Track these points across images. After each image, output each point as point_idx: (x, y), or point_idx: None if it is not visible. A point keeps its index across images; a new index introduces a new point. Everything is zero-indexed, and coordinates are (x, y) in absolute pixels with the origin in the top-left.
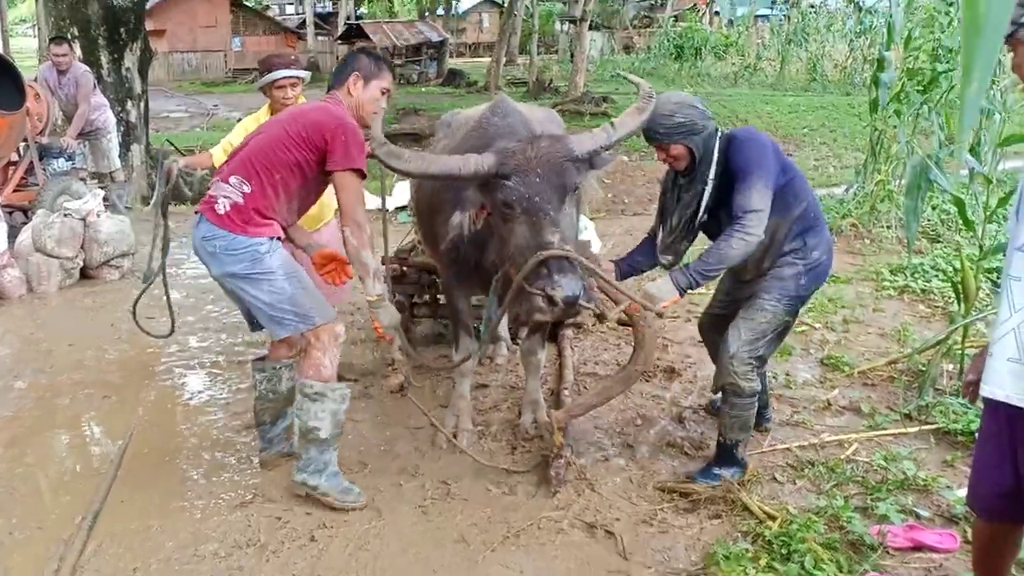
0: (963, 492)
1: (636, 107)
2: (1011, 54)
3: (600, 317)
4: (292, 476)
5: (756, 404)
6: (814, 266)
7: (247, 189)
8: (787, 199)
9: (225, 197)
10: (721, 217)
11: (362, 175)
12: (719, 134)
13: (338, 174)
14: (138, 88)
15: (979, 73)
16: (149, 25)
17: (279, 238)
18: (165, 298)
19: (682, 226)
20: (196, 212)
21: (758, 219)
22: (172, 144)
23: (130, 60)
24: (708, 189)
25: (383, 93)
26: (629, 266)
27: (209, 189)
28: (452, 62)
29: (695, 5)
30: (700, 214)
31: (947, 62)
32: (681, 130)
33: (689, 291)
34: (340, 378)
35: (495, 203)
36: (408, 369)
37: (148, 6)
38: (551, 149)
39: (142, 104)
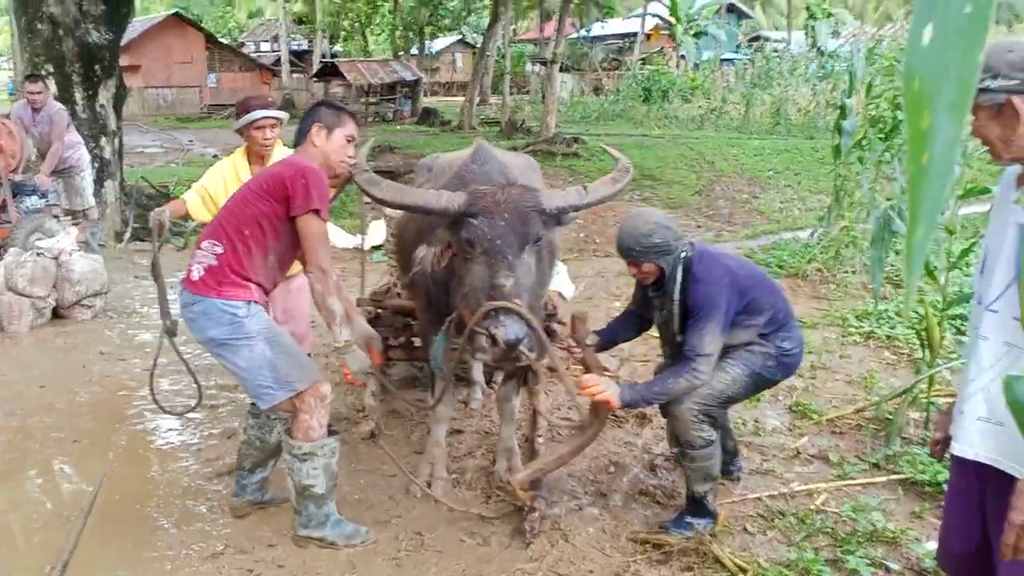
0: (932, 545)
1: (611, 177)
2: (972, 118)
3: (551, 369)
4: (295, 532)
5: (715, 453)
6: (784, 354)
7: (219, 250)
8: (749, 316)
9: (199, 263)
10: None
11: (323, 218)
12: (682, 255)
13: (300, 220)
14: (112, 124)
15: (926, 218)
16: (124, 61)
17: (257, 301)
18: (183, 364)
19: (664, 337)
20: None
21: (707, 364)
22: (147, 180)
23: (104, 96)
24: (676, 310)
25: (349, 141)
26: (608, 337)
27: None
28: (426, 101)
29: (662, 49)
30: (677, 333)
31: None
32: (656, 250)
33: (630, 408)
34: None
35: (459, 241)
36: (379, 416)
37: (123, 42)
38: (521, 198)
39: (116, 140)
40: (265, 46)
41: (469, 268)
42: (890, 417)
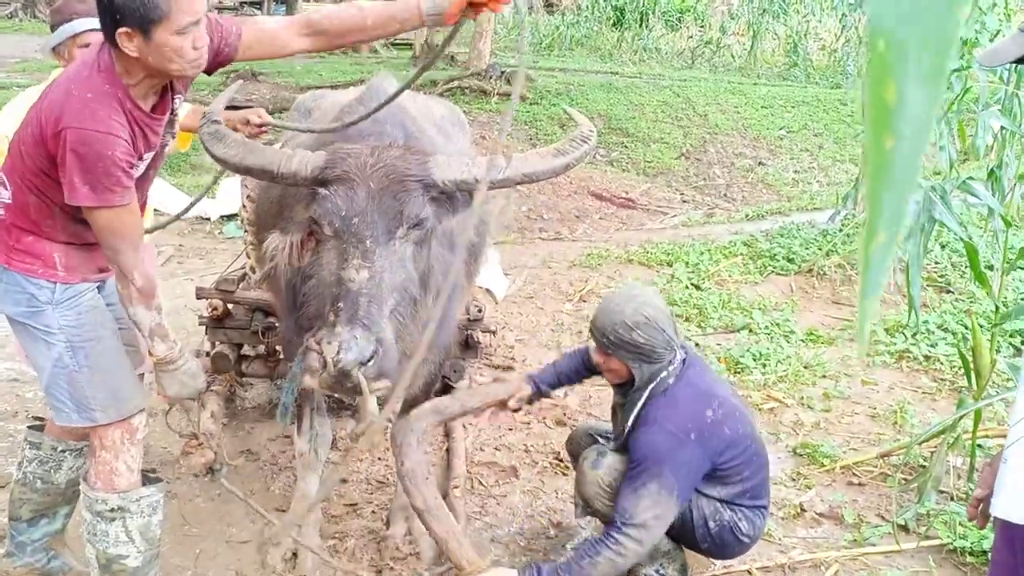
0: None
1: (557, 147)
2: None
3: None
4: None
5: None
6: (732, 532)
7: (6, 197)
8: (708, 485)
9: None
10: None
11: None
12: (662, 377)
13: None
14: None
15: (889, 220)
16: None
17: (70, 281)
18: None
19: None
20: None
21: (641, 536)
22: None
23: None
24: (625, 435)
25: (181, 32)
26: (555, 378)
27: None
28: (307, 7)
29: None
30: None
31: (960, 57)
32: (633, 350)
33: None
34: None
35: (311, 221)
36: (220, 443)
37: None
38: (398, 162)
39: None
40: None
41: (319, 255)
42: (924, 464)
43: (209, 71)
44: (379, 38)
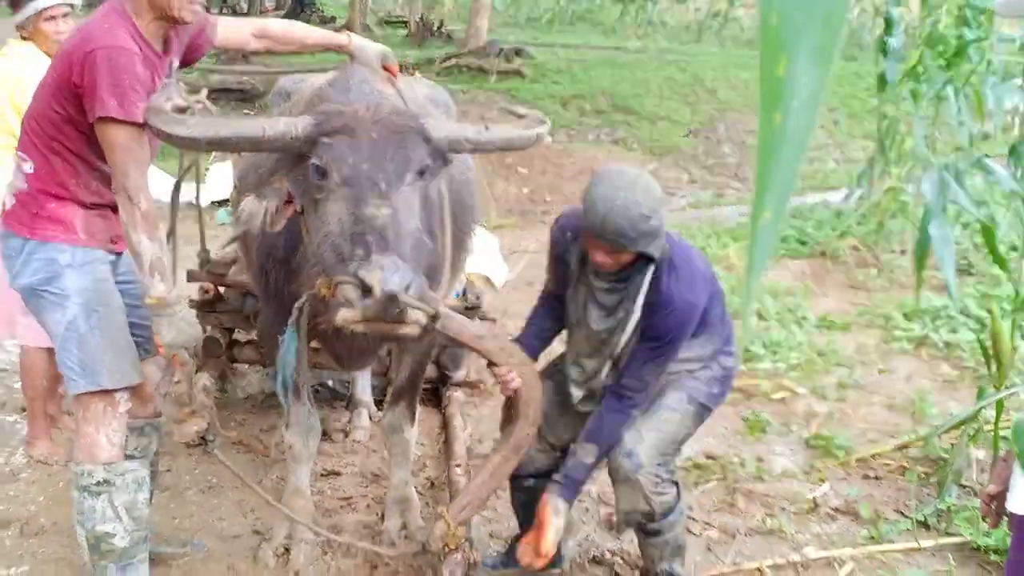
0: None
1: (527, 123)
2: None
3: (435, 318)
4: None
5: (681, 518)
6: (726, 375)
7: (29, 168)
8: (706, 335)
9: (9, 187)
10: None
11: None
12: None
13: (96, 126)
14: None
15: (777, 196)
16: None
17: (89, 244)
18: None
19: (600, 343)
20: None
21: (644, 395)
22: None
23: None
24: (633, 320)
25: None
26: (534, 346)
27: None
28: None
29: None
30: (623, 344)
31: (978, 27)
32: (651, 236)
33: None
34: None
35: (308, 180)
36: (213, 413)
37: None
38: (395, 117)
39: None
40: None
41: (324, 210)
42: (945, 457)
43: (191, 60)
44: (315, 51)
